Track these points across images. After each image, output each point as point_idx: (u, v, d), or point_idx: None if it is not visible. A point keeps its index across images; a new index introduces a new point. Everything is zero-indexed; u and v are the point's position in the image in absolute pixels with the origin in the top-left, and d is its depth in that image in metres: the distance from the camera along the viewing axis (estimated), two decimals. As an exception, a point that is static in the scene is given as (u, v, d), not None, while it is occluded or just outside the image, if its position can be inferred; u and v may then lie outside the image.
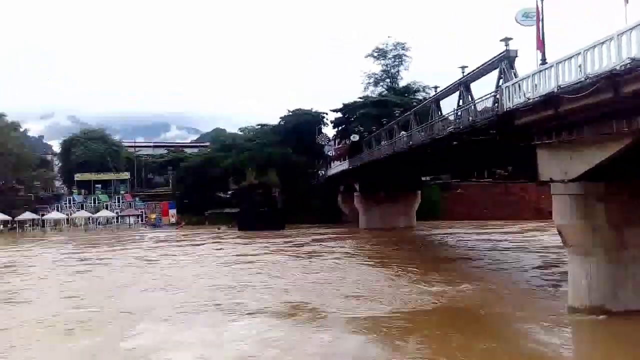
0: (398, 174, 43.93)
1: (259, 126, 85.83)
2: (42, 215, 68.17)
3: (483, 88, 22.33)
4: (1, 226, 64.05)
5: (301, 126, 72.62)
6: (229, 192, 70.50)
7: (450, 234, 42.34)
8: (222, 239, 43.28)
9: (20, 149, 73.98)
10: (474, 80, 23.77)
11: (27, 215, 66.07)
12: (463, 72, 24.58)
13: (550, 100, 13.57)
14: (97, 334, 13.49)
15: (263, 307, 15.99)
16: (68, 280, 22.84)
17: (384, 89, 72.97)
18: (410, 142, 31.31)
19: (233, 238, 42.18)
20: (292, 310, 15.60)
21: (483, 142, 20.33)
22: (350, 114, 68.40)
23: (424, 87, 67.11)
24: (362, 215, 52.27)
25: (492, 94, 19.49)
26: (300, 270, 22.18)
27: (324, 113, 75.88)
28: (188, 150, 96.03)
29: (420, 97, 62.98)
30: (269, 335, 13.01)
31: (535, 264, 25.07)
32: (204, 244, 39.97)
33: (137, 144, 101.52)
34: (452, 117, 25.56)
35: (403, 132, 35.59)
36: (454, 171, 36.45)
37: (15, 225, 65.16)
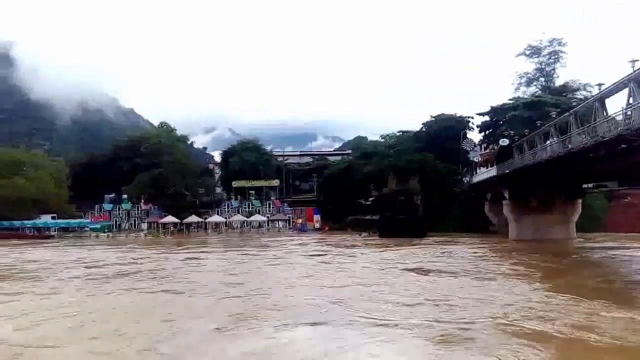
0: (555, 180, 40.07)
1: (400, 133, 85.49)
2: (205, 218, 76.05)
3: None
4: (171, 227, 72.71)
5: (444, 132, 70.58)
6: (370, 199, 71.17)
7: (625, 249, 34.91)
8: (375, 245, 42.31)
9: (187, 158, 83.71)
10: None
11: (193, 218, 74.38)
12: (633, 67, 21.59)
13: None
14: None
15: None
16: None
17: (537, 89, 67.59)
18: (570, 146, 28.35)
19: (388, 245, 40.72)
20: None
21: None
22: (499, 117, 64.53)
23: (585, 85, 60.65)
24: (512, 225, 48.58)
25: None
26: (466, 291, 17.03)
27: (469, 117, 72.88)
28: (331, 158, 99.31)
29: (581, 97, 56.93)
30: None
31: None
32: (355, 246, 39.97)
33: (285, 154, 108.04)
34: (619, 117, 22.55)
35: (555, 137, 32.35)
36: (621, 178, 32.08)
37: (182, 227, 73.58)
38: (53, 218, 70.56)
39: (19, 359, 10.06)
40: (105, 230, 71.17)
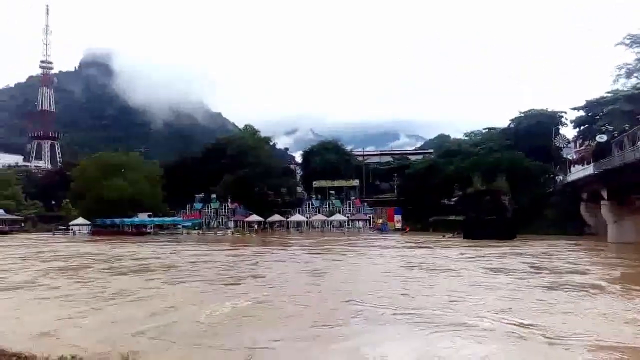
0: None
1: (486, 130, 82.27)
2: (287, 217, 77.91)
3: None
4: (256, 225, 75.25)
5: (534, 128, 67.04)
6: (453, 199, 69.05)
7: None
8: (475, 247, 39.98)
9: (270, 159, 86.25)
10: None
11: (276, 217, 76.59)
12: None
13: None
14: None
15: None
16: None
17: (639, 81, 61.88)
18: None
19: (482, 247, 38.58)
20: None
21: None
22: (595, 112, 59.96)
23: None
24: (612, 227, 44.93)
25: None
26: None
27: (561, 112, 68.53)
28: (412, 158, 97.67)
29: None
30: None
31: None
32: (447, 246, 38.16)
33: (365, 153, 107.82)
34: None
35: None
36: None
37: (266, 225, 75.88)
38: (149, 216, 75.71)
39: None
40: (196, 228, 75.24)
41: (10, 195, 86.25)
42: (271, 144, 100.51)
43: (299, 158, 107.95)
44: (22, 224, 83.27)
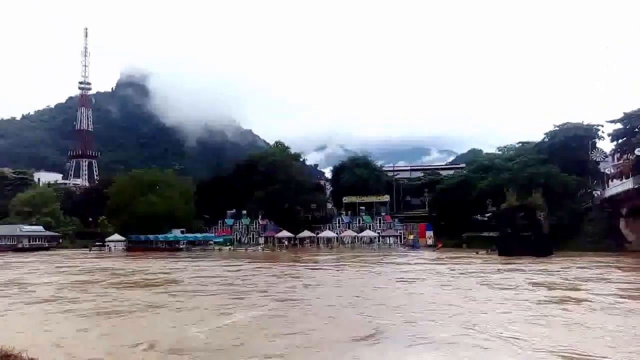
0: None
1: (520, 144, 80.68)
2: (317, 233, 77.85)
3: None
4: (286, 242, 75.41)
5: (570, 142, 65.41)
6: (487, 215, 67.62)
7: None
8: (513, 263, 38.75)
9: (300, 176, 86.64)
10: None
11: (306, 233, 76.62)
12: None
13: None
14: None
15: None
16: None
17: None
18: None
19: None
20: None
21: None
22: (634, 124, 58.07)
23: None
24: (656, 244, 43.19)
25: None
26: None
27: (598, 126, 66.57)
28: (443, 173, 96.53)
29: None
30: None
31: None
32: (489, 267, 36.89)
33: (395, 169, 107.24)
34: None
35: None
36: None
37: (296, 241, 75.97)
38: (182, 232, 76.95)
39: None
40: (228, 244, 75.96)
41: (49, 213, 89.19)
42: (301, 160, 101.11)
43: (328, 174, 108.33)
44: (61, 240, 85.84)
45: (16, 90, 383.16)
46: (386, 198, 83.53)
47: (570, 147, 64.88)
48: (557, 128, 70.04)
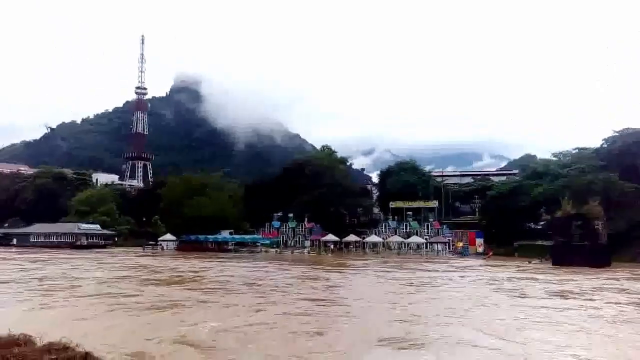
0: None
1: (576, 150, 77.25)
2: (363, 237, 77.37)
3: None
4: (332, 245, 75.44)
5: (630, 148, 61.99)
6: (541, 223, 65.15)
7: None
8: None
9: (346, 180, 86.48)
10: None
11: (351, 237, 76.26)
12: None
13: None
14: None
15: None
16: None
17: None
18: None
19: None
20: None
21: None
22: None
23: None
24: None
25: None
26: None
27: (661, 130, 62.89)
28: (495, 179, 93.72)
29: None
30: None
31: None
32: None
33: (444, 174, 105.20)
34: None
35: None
36: None
37: (342, 245, 75.82)
38: (230, 233, 78.51)
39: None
40: (274, 246, 76.86)
41: (105, 212, 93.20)
42: (347, 164, 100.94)
43: (375, 178, 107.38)
44: (116, 239, 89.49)
45: (78, 95, 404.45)
46: (434, 204, 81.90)
47: (629, 153, 61.69)
48: (616, 133, 66.92)
